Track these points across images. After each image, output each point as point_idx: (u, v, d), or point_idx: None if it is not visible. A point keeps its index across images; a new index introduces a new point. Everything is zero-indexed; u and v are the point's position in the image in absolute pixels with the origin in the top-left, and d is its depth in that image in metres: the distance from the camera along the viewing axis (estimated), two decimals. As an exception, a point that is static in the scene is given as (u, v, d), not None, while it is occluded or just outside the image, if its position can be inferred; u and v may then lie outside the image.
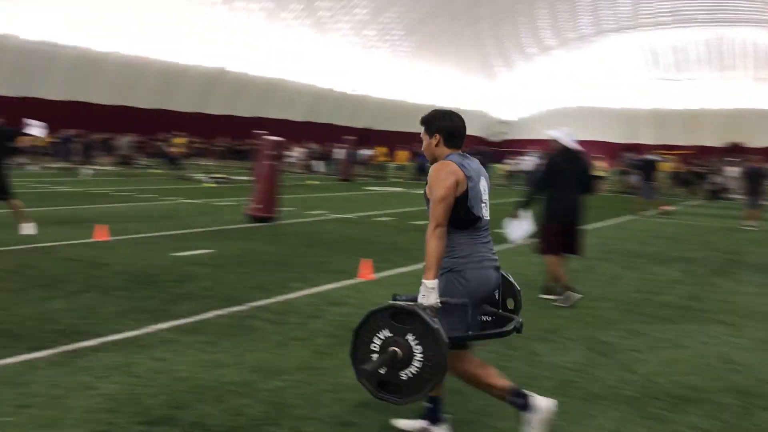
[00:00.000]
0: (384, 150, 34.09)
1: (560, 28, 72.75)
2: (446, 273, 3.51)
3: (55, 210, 13.34)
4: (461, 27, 66.16)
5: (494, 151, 43.07)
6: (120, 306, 6.09)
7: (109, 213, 13.14)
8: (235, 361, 4.76)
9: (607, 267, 9.65)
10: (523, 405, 3.52)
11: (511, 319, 3.69)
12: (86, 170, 25.46)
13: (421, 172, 33.10)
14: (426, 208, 3.58)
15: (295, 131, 57.76)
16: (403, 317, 3.23)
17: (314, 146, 39.57)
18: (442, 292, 3.42)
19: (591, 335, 5.96)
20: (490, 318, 3.77)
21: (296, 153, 37.14)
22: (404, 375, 3.20)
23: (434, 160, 3.68)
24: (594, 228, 13.44)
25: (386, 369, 3.21)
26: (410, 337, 3.19)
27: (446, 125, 3.70)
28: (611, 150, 54.56)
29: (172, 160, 27.08)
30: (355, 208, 16.68)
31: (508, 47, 75.14)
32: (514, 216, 7.29)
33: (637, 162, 23.08)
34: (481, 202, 3.61)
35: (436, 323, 3.18)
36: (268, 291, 7.04)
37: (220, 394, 4.15)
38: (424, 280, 3.37)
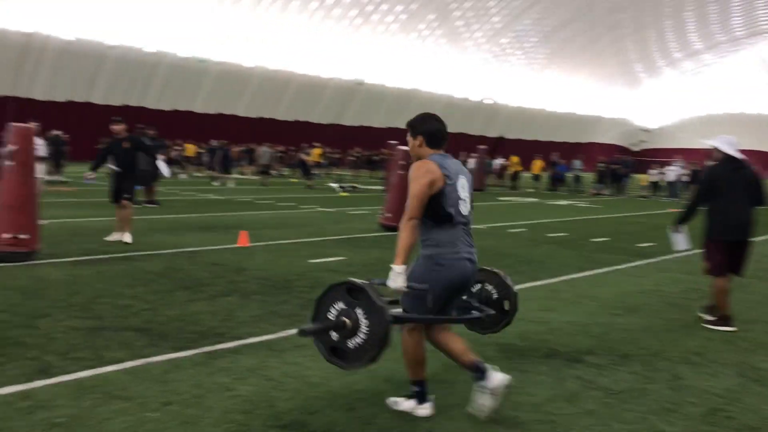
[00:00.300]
0: (517, 159, 33.44)
1: (709, 31, 68.57)
2: (425, 259, 3.89)
3: (201, 216, 14.12)
4: (600, 33, 63.95)
5: (635, 160, 41.17)
6: (257, 310, 6.30)
7: (251, 220, 13.74)
8: (367, 370, 4.75)
9: (762, 286, 8.89)
10: (481, 376, 3.95)
11: (487, 312, 4.25)
12: (228, 179, 26.84)
13: (558, 181, 32.23)
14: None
15: (427, 141, 58.03)
16: (356, 293, 3.61)
17: (446, 156, 39.61)
18: (419, 276, 3.82)
19: (743, 360, 5.48)
20: (477, 309, 4.30)
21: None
22: (351, 344, 3.61)
23: (418, 160, 3.97)
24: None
25: (337, 336, 3.63)
26: (359, 311, 3.58)
27: (428, 128, 4.02)
28: (765, 159, 50.72)
29: (307, 170, 27.96)
30: (487, 219, 16.44)
31: (651, 52, 71.74)
32: (675, 230, 6.88)
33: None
34: (459, 199, 3.93)
35: (381, 301, 3.54)
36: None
37: (351, 402, 4.17)
38: (392, 266, 3.74)
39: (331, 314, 3.68)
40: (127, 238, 9.90)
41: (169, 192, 19.93)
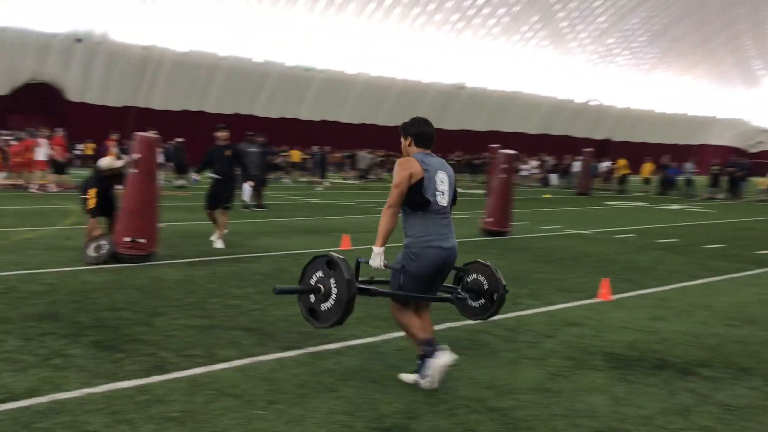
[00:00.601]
0: (624, 162, 32.25)
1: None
2: (404, 247, 4.48)
3: (305, 220, 14.47)
4: (714, 30, 60.74)
5: (752, 163, 38.81)
6: (360, 312, 6.36)
7: (353, 223, 13.96)
8: (468, 376, 4.75)
9: None
10: (431, 353, 4.36)
11: (461, 296, 4.89)
12: (327, 183, 27.59)
13: (669, 185, 30.89)
14: None
15: (529, 144, 57.11)
16: (333, 265, 4.20)
17: (550, 159, 38.72)
18: (399, 260, 4.48)
19: None
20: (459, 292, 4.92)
21: (531, 166, 36.62)
22: (323, 307, 4.24)
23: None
24: None
25: (314, 299, 4.30)
26: (332, 281, 4.20)
27: (416, 130, 4.67)
28: None
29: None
30: (593, 224, 15.97)
31: (772, 48, 67.48)
32: None
33: None
34: (437, 190, 4.44)
35: (350, 275, 4.14)
36: (500, 306, 6.96)
37: (453, 408, 4.15)
38: (373, 247, 4.39)
39: (312, 280, 4.34)
40: (219, 244, 10.06)
41: (276, 197, 20.55)
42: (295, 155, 33.31)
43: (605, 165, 34.35)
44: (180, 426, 3.72)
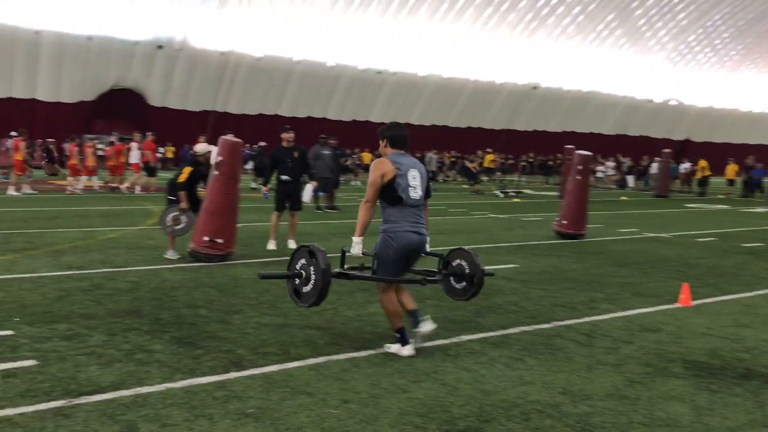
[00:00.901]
0: (705, 163, 31.05)
1: None
2: (382, 233, 5.16)
3: (375, 221, 14.51)
4: (805, 23, 57.87)
5: None
6: (430, 314, 6.36)
7: (423, 225, 13.94)
8: (542, 380, 4.67)
9: None
10: (415, 323, 5.16)
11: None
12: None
13: (753, 187, 29.58)
14: None
15: (605, 145, 55.72)
16: (313, 255, 4.97)
17: (626, 160, 37.69)
18: (379, 245, 5.16)
19: None
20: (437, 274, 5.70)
21: (607, 167, 35.72)
22: (305, 289, 5.02)
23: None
24: None
25: (298, 282, 5.06)
26: (312, 269, 4.96)
27: (390, 133, 5.18)
28: None
29: (471, 176, 28.23)
30: (672, 227, 15.45)
31: None
32: None
33: None
34: (409, 186, 5.07)
35: (325, 264, 4.88)
36: (574, 310, 6.83)
37: (527, 413, 4.09)
38: (353, 237, 5.12)
39: (297, 266, 5.10)
40: (292, 243, 10.14)
41: (347, 198, 20.76)
42: (366, 157, 33.59)
43: (685, 166, 33.16)
44: (256, 422, 3.80)
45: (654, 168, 32.86)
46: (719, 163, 36.71)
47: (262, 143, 26.45)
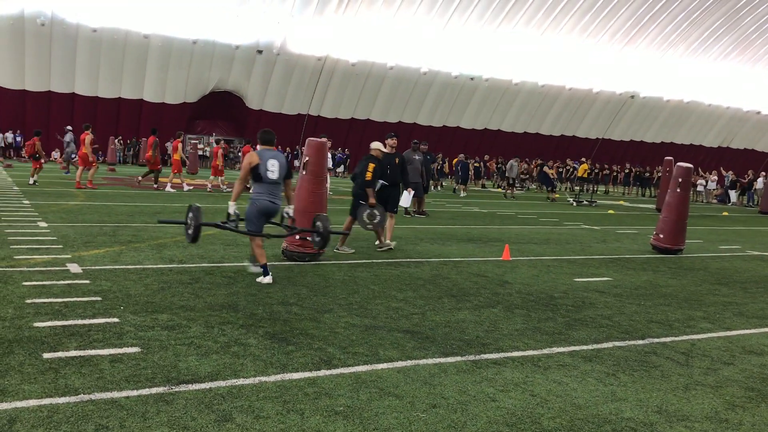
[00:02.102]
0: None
1: None
2: (250, 200, 7.51)
3: (465, 228, 14.48)
4: None
5: None
6: (520, 324, 6.31)
7: (513, 234, 13.79)
8: (636, 398, 4.53)
9: None
10: (264, 272, 7.48)
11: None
12: (462, 189, 27.88)
13: None
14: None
15: (707, 157, 53.39)
16: (193, 210, 7.46)
17: (729, 174, 36.02)
18: (248, 208, 7.54)
19: None
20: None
21: (708, 181, 34.21)
22: (188, 231, 7.47)
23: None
24: None
25: (187, 226, 7.50)
26: (191, 216, 7.43)
27: (261, 136, 7.70)
28: None
29: (549, 182, 28.13)
30: (779, 246, 14.63)
31: None
32: None
33: None
34: (267, 170, 7.41)
35: (195, 219, 7.37)
36: (671, 327, 6.58)
37: (619, 429, 3.98)
38: (229, 202, 7.57)
39: (188, 216, 7.47)
40: (391, 244, 10.49)
41: (436, 203, 20.76)
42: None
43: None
44: (345, 420, 3.86)
45: (759, 183, 31.27)
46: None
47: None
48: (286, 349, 5.11)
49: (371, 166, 9.94)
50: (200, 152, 38.10)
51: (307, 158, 9.11)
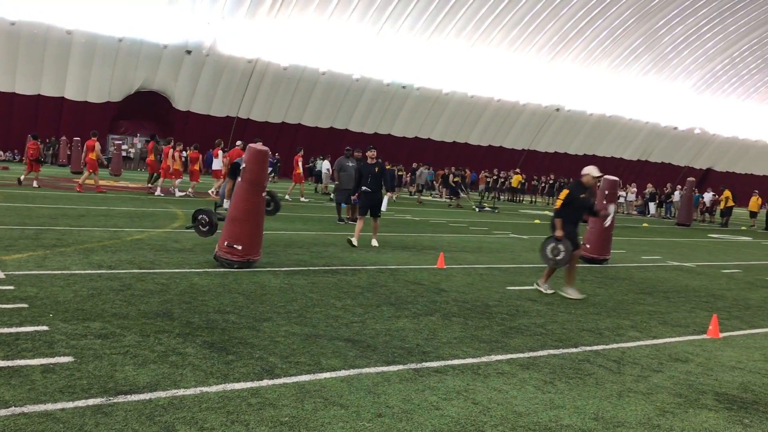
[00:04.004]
0: (729, 194, 30.84)
1: None
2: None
3: (399, 236, 14.56)
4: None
5: None
6: (459, 332, 6.39)
7: (446, 242, 13.95)
8: (573, 405, 4.66)
9: None
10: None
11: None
12: (393, 197, 28.43)
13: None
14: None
15: (627, 170, 55.52)
16: (207, 212, 9.87)
17: (648, 187, 37.55)
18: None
19: None
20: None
21: (628, 193, 35.56)
22: (203, 229, 9.84)
23: None
24: None
25: (201, 225, 9.82)
26: (204, 217, 9.85)
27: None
28: None
29: (455, 191, 29.29)
30: (696, 257, 15.35)
31: None
32: None
33: None
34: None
35: (208, 217, 9.83)
36: (601, 336, 6.80)
37: (559, 437, 4.08)
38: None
39: (201, 219, 9.66)
40: (374, 242, 12.45)
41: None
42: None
43: (709, 196, 32.95)
44: (291, 431, 3.82)
45: (676, 196, 32.70)
46: (741, 193, 36.44)
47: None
48: (226, 358, 5.01)
49: (564, 193, 8.78)
50: (124, 153, 37.00)
51: (244, 165, 8.96)
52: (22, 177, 20.46)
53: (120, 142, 36.47)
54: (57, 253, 8.81)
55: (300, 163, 24.31)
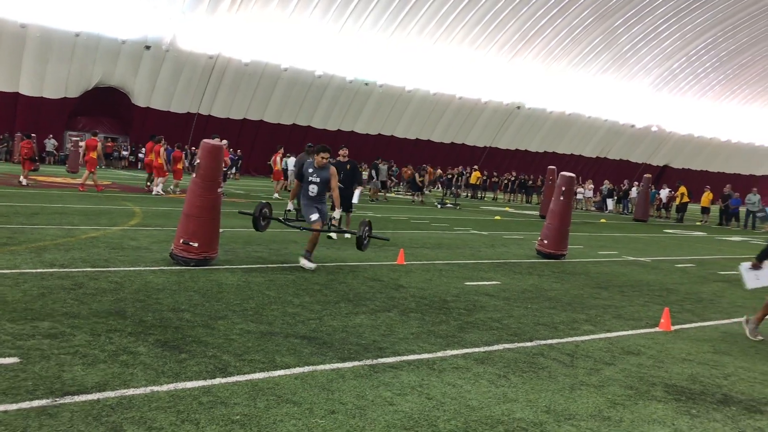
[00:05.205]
0: (684, 190, 31.49)
1: None
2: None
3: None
4: (784, 58, 59.16)
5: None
6: (416, 328, 6.41)
7: (407, 239, 13.99)
8: (526, 398, 4.71)
9: None
10: (308, 257, 9.03)
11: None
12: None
13: (732, 215, 30.04)
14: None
15: (586, 167, 56.32)
16: (264, 205, 9.70)
17: (607, 183, 38.17)
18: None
19: None
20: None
21: (587, 189, 36.10)
22: (262, 223, 9.65)
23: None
24: None
25: (262, 216, 9.64)
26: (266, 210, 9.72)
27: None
28: None
29: (419, 188, 29.53)
30: (651, 252, 15.65)
31: None
32: (755, 266, 7.15)
33: None
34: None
35: (257, 212, 9.56)
36: (556, 330, 6.89)
37: (511, 430, 4.12)
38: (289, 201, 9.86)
39: (260, 205, 9.57)
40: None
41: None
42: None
43: (664, 192, 33.61)
44: (242, 429, 3.78)
45: (634, 192, 33.29)
46: (697, 190, 37.27)
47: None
48: (178, 357, 4.94)
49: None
50: (81, 150, 36.24)
51: (198, 161, 8.86)
52: (22, 177, 20.26)
53: (77, 138, 35.71)
54: (7, 252, 8.60)
55: (279, 161, 24.26)
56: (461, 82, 47.35)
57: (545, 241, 12.82)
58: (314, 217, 9.30)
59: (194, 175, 8.87)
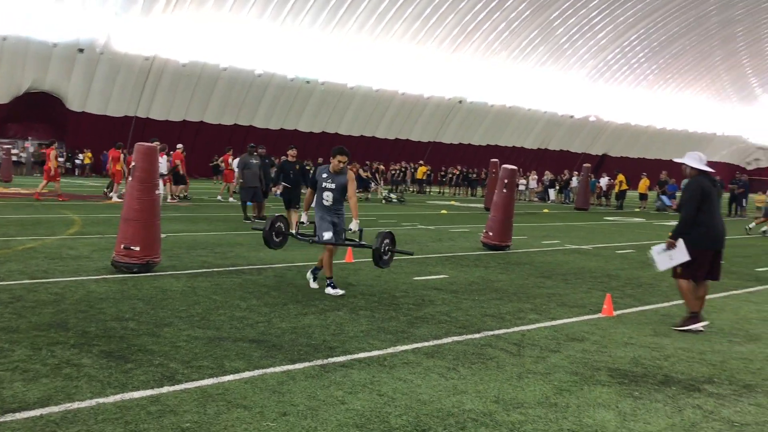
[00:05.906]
0: (623, 178, 32.36)
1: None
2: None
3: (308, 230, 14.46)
4: (712, 47, 61.34)
5: (751, 180, 38.95)
6: (366, 325, 6.43)
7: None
8: (475, 389, 4.78)
9: None
10: (332, 284, 7.87)
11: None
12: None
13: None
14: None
15: (528, 158, 57.30)
16: (280, 219, 8.68)
17: (548, 174, 38.88)
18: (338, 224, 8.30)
19: None
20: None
21: (529, 181, 36.74)
22: (275, 238, 8.52)
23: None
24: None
25: (274, 229, 8.50)
26: (279, 224, 8.59)
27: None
28: None
29: (365, 184, 29.71)
30: (593, 239, 16.05)
31: (769, 66, 67.98)
32: (670, 245, 7.07)
33: None
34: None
35: (268, 225, 8.45)
36: (503, 320, 7.01)
37: (462, 422, 4.18)
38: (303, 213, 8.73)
39: (272, 219, 8.54)
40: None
41: (276, 207, 20.57)
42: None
43: (604, 180, 34.47)
44: (192, 437, 3.74)
45: (574, 182, 34.02)
46: (635, 177, 38.33)
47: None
48: (124, 367, 4.85)
49: None
50: (15, 158, 35.06)
51: (133, 164, 8.69)
52: (42, 188, 20.23)
53: (9, 146, 34.49)
54: (-62, 267, 8.27)
55: (230, 162, 24.01)
56: (403, 78, 47.52)
57: (490, 233, 13.01)
58: (327, 236, 7.96)
59: (130, 179, 8.70)
